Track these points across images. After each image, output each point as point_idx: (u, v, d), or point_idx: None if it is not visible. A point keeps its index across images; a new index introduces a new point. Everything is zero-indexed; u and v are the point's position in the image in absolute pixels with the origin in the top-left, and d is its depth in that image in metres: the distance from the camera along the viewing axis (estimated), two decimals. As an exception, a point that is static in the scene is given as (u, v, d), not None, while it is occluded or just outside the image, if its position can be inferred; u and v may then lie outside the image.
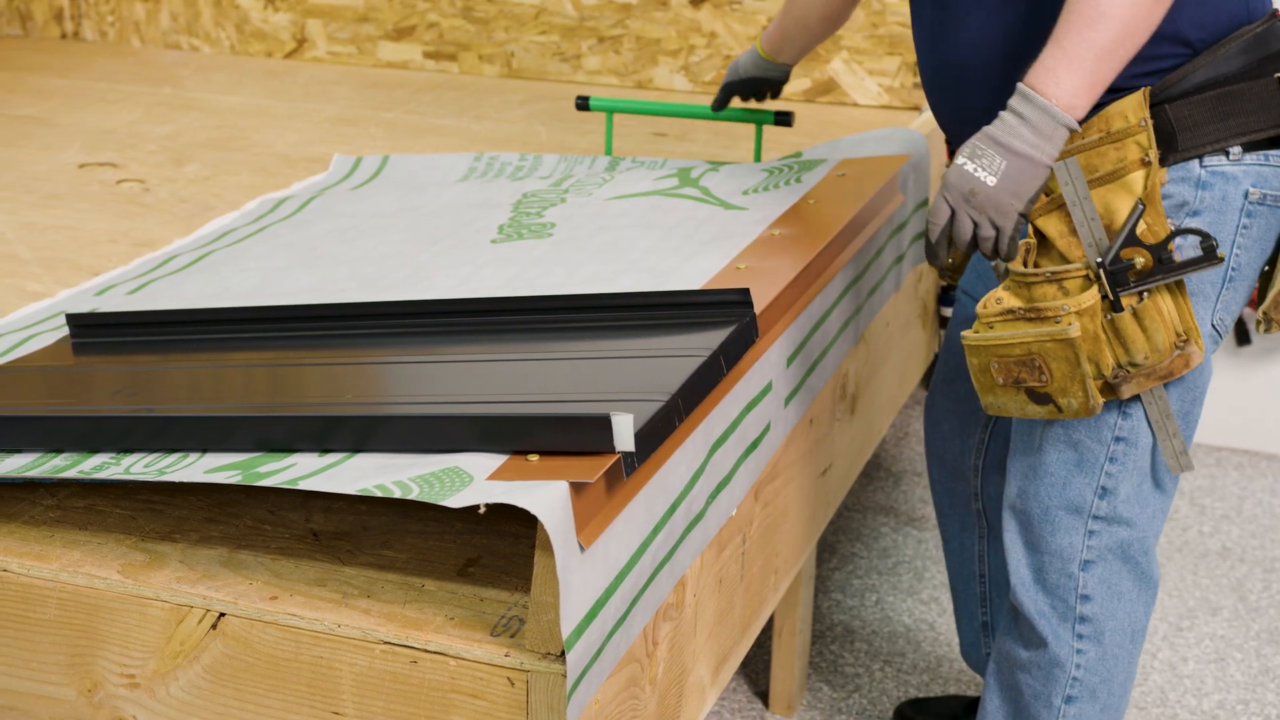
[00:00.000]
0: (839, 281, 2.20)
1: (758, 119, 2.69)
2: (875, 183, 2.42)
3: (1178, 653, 2.85)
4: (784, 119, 2.64)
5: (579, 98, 2.82)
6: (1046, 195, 1.79)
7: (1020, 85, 1.71)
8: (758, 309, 1.87)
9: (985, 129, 1.75)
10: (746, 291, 1.85)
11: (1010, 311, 1.78)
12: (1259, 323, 1.89)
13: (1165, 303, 1.77)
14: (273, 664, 1.52)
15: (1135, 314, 1.75)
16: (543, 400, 1.64)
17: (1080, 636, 1.97)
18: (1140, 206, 1.73)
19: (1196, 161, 1.78)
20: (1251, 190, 1.80)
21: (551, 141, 3.15)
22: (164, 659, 1.56)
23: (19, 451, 1.68)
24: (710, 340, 1.77)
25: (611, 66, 3.67)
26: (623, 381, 1.70)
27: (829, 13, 2.36)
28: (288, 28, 3.92)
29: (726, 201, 2.37)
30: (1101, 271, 1.74)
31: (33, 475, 1.62)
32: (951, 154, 2.12)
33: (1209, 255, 1.74)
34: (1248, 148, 1.79)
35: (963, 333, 1.82)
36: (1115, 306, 1.75)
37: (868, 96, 3.48)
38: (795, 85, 3.52)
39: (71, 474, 1.60)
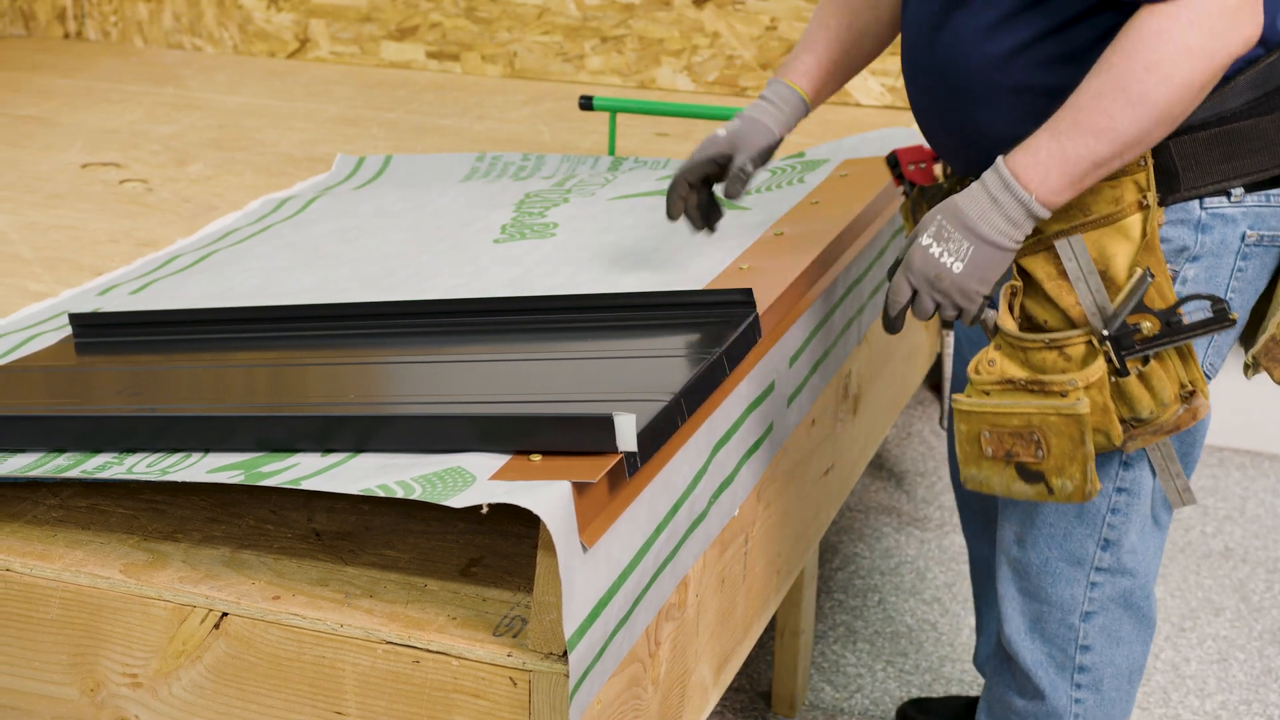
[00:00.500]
0: (842, 282, 2.20)
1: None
2: (878, 183, 2.42)
3: (1180, 653, 2.84)
4: (787, 119, 2.64)
5: (582, 97, 2.82)
6: (1031, 236, 1.68)
7: (1002, 167, 1.62)
8: (760, 309, 1.87)
9: (954, 202, 1.65)
10: (749, 292, 1.85)
11: (1010, 382, 1.67)
12: (1247, 366, 1.80)
13: (1170, 358, 1.69)
14: (275, 664, 1.52)
15: (1140, 375, 1.67)
16: (545, 400, 1.64)
17: (1079, 686, 1.91)
18: (1149, 277, 1.63)
19: (1197, 202, 1.69)
20: (1249, 232, 1.72)
21: (554, 141, 3.15)
22: (166, 659, 1.56)
23: (22, 451, 1.68)
24: (713, 340, 1.77)
25: (614, 66, 3.67)
26: (625, 381, 1.70)
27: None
28: (290, 28, 3.92)
29: (730, 202, 2.37)
30: (1108, 344, 1.65)
31: (35, 475, 1.62)
32: (897, 173, 2.02)
33: (1220, 318, 1.65)
34: (1249, 188, 1.70)
35: (954, 396, 1.72)
36: (1120, 371, 1.66)
37: (870, 96, 3.48)
38: (798, 85, 3.52)
39: (74, 474, 1.60)
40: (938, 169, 2.08)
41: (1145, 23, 1.55)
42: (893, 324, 1.75)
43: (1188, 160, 1.67)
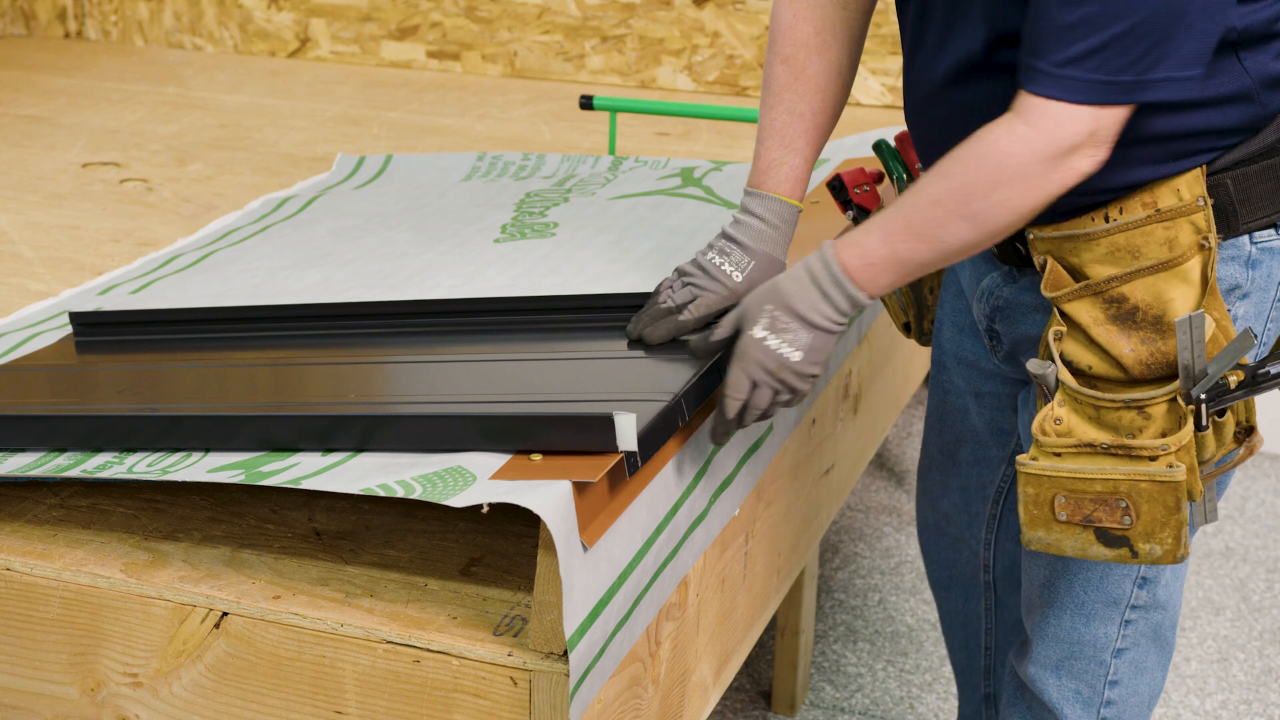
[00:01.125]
0: (842, 281, 2.20)
1: (761, 119, 2.69)
2: (878, 182, 2.41)
3: (1180, 653, 2.85)
4: (787, 119, 2.64)
5: (582, 97, 2.82)
6: (1075, 278, 1.62)
7: (833, 262, 1.59)
8: (761, 309, 1.87)
9: (783, 293, 1.60)
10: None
11: (1090, 445, 1.57)
12: None
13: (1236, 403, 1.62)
14: (275, 663, 1.52)
15: (1215, 425, 1.60)
16: (546, 400, 1.64)
17: (1105, 719, 1.88)
18: (1255, 337, 1.54)
19: (1247, 238, 1.62)
20: None
21: (555, 141, 3.15)
22: (167, 658, 1.56)
23: (22, 450, 1.69)
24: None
25: (615, 66, 3.67)
26: (626, 381, 1.70)
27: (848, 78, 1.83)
28: (291, 27, 3.92)
29: (730, 201, 2.37)
30: (1203, 407, 1.55)
31: (36, 474, 1.62)
32: (843, 198, 1.95)
33: None
34: None
35: (1019, 459, 1.60)
36: (1202, 427, 1.57)
37: (871, 96, 3.48)
38: (798, 85, 3.52)
39: (75, 473, 1.60)
40: (881, 190, 2.06)
41: (997, 139, 1.50)
42: (728, 427, 1.65)
43: (1244, 195, 1.60)
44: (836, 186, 2.01)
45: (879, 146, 2.01)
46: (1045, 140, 1.49)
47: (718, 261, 1.76)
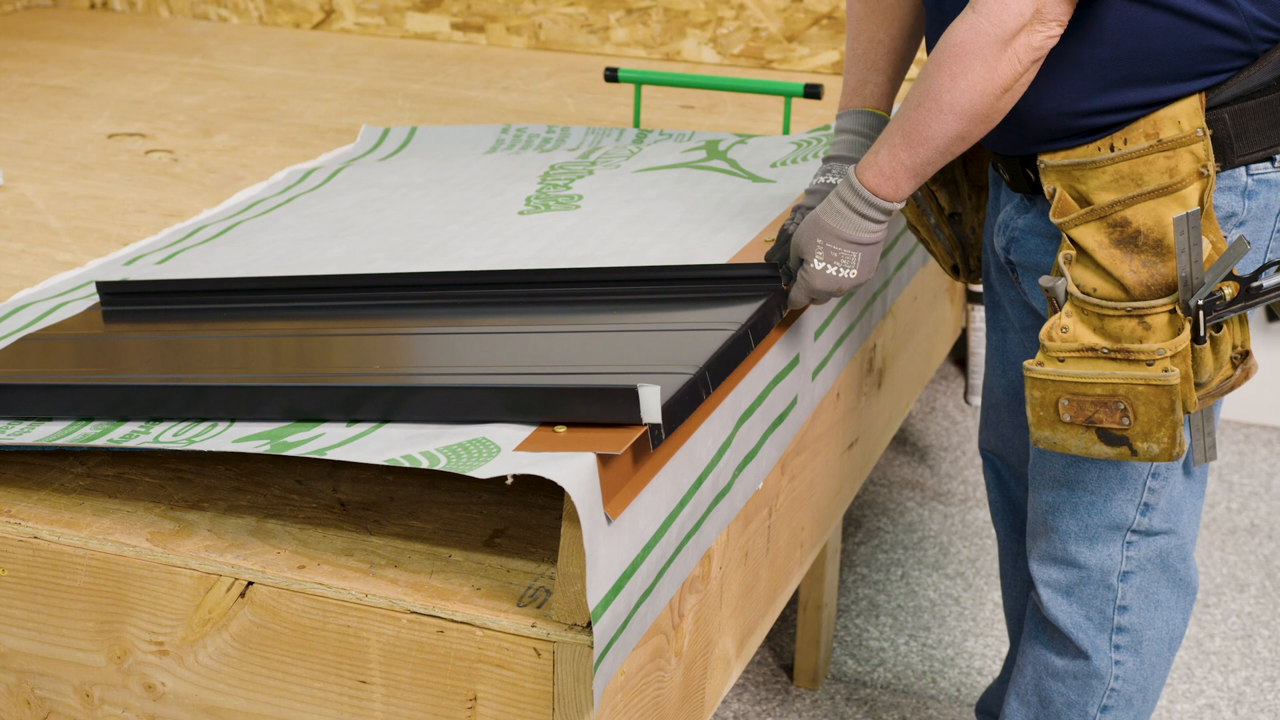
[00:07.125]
0: (867, 255, 2.19)
1: (786, 92, 2.68)
2: (904, 156, 2.40)
3: (1204, 629, 2.84)
4: (813, 92, 2.64)
5: (607, 69, 2.82)
6: (1081, 206, 1.72)
7: (857, 184, 1.74)
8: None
9: (825, 225, 1.75)
10: (776, 266, 1.85)
11: (1091, 349, 1.70)
12: None
13: (1231, 322, 1.72)
14: (300, 633, 1.53)
15: (1211, 340, 1.69)
16: (570, 372, 1.64)
17: (1118, 647, 1.94)
18: (1248, 244, 1.63)
19: (1243, 169, 1.72)
20: None
21: (579, 113, 3.15)
22: (192, 627, 1.57)
23: (49, 420, 1.69)
24: (738, 314, 1.77)
25: (639, 38, 3.66)
26: (650, 354, 1.70)
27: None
28: (316, -2, 3.92)
29: (754, 174, 2.36)
30: (1200, 313, 1.66)
31: (63, 443, 1.63)
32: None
33: None
34: None
35: (1026, 364, 1.73)
36: (1200, 339, 1.68)
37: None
38: (824, 58, 3.51)
39: (101, 442, 1.61)
40: None
41: (953, 33, 1.65)
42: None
43: (1240, 130, 1.70)
44: None
45: None
46: (992, 23, 1.63)
47: (825, 180, 1.92)
